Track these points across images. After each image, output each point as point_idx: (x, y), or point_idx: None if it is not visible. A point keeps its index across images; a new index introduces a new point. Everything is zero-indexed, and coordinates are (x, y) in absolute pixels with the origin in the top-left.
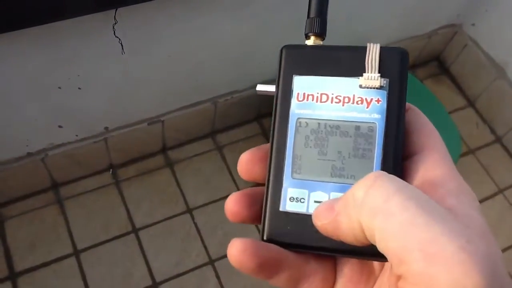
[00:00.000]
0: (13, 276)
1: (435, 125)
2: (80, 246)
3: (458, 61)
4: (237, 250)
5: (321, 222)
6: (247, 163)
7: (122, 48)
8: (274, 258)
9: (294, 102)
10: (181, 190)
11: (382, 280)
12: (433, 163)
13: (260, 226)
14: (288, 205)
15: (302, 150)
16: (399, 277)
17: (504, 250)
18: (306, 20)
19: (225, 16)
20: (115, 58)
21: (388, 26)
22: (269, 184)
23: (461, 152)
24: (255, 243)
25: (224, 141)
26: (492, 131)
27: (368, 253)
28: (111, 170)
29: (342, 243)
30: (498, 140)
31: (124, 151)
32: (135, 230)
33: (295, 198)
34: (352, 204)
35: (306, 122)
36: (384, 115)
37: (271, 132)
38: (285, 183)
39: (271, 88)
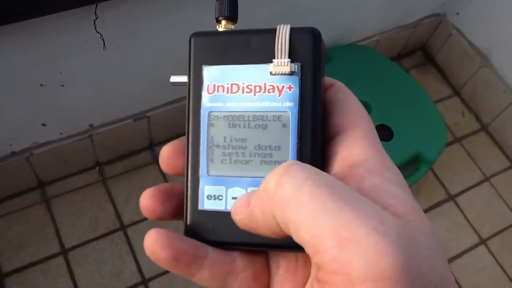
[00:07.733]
0: (0, 276)
1: (421, 115)
2: (68, 244)
3: (443, 51)
4: (149, 240)
5: (239, 217)
6: (168, 156)
7: (104, 44)
8: (190, 253)
9: (205, 95)
10: None
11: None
12: (353, 143)
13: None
14: (206, 204)
15: (217, 145)
16: (319, 267)
17: (491, 237)
18: (215, 3)
19: (207, 10)
20: (97, 54)
21: (373, 16)
22: (187, 183)
23: (447, 141)
24: (170, 234)
25: None
26: (478, 119)
27: (289, 245)
28: (97, 167)
29: (263, 237)
30: (484, 128)
31: (110, 148)
32: (123, 227)
33: (213, 196)
34: (265, 196)
35: (218, 115)
36: (297, 102)
37: (186, 127)
38: (201, 181)
39: (185, 78)
